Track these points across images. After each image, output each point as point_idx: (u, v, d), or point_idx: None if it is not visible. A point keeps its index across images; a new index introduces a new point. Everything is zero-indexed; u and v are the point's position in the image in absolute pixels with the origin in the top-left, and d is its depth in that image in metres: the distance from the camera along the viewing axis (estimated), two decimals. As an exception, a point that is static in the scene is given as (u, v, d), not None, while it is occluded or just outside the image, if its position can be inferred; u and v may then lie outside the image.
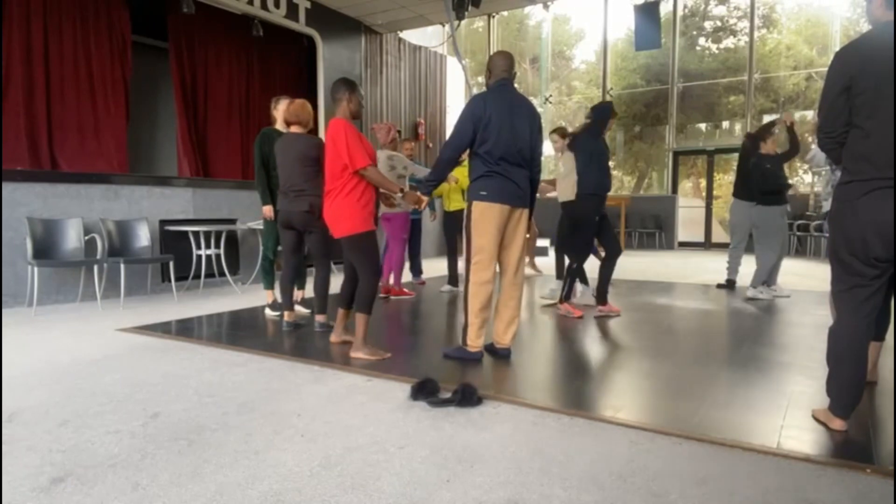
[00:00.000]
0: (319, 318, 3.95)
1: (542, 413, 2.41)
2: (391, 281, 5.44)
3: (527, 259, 6.88)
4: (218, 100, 8.58)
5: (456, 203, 5.73)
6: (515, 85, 3.24)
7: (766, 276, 5.37)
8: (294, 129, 3.95)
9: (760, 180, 5.24)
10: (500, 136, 3.03)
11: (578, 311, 4.44)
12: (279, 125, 4.44)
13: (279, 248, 4.33)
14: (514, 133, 3.06)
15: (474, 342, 3.17)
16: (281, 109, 4.39)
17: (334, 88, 3.35)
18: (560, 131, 5.32)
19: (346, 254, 3.44)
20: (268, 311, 4.57)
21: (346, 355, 3.29)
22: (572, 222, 4.73)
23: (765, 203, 5.28)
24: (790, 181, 5.56)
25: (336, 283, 3.62)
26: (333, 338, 3.59)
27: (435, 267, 6.27)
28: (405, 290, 5.54)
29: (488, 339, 3.31)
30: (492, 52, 4.02)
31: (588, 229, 4.55)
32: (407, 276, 5.79)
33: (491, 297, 3.16)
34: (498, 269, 3.23)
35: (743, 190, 5.61)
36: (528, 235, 7.15)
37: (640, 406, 2.55)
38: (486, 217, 3.07)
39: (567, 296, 4.57)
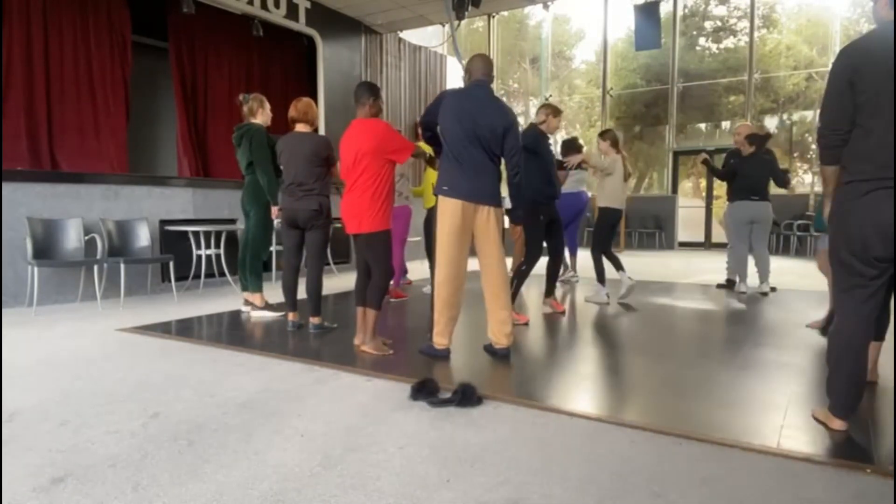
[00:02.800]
0: (314, 320, 3.92)
1: (542, 413, 2.41)
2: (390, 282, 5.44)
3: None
4: (218, 100, 8.58)
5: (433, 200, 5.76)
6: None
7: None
8: (301, 127, 3.96)
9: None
10: (464, 134, 3.06)
11: (524, 318, 4.28)
12: (259, 120, 4.48)
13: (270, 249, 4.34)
14: (479, 132, 3.08)
15: (439, 340, 3.20)
16: (268, 108, 4.51)
17: (360, 91, 3.47)
18: (606, 135, 5.36)
19: (362, 251, 3.47)
20: (264, 314, 4.54)
21: (345, 355, 3.29)
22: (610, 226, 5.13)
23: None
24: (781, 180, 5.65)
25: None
26: (357, 341, 3.45)
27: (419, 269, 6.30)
28: (401, 292, 5.55)
29: (485, 341, 3.31)
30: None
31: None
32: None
33: (456, 295, 3.16)
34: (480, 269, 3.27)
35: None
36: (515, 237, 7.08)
37: (640, 406, 2.55)
38: (447, 212, 3.10)
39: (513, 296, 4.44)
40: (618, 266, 5.11)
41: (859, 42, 2.06)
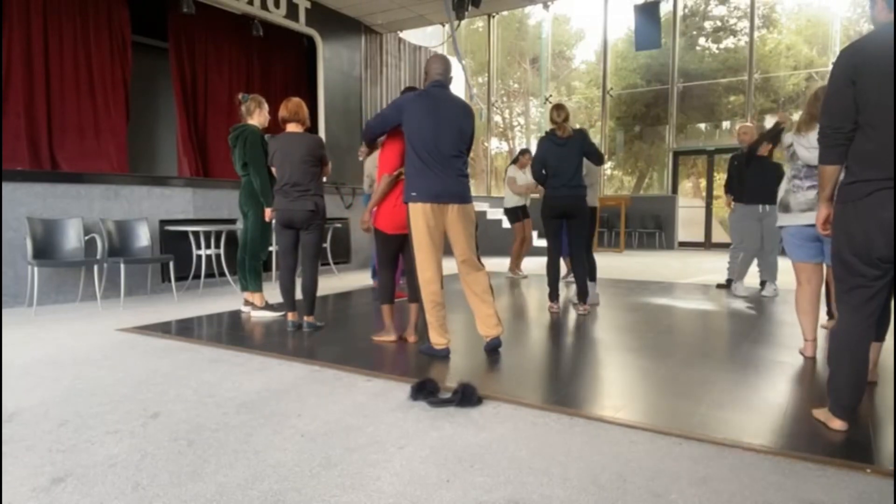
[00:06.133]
0: (309, 318, 3.96)
1: (542, 413, 2.41)
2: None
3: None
4: (218, 100, 8.59)
5: None
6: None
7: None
8: (293, 126, 3.96)
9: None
10: (427, 137, 3.10)
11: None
12: (255, 121, 4.50)
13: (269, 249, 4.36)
14: (441, 133, 3.13)
15: (437, 340, 3.23)
16: (265, 109, 4.56)
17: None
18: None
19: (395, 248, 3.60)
20: (265, 314, 4.54)
21: (345, 355, 3.30)
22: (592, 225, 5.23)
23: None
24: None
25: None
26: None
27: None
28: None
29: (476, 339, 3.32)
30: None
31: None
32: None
33: (441, 292, 3.21)
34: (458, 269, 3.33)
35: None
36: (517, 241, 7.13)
37: (640, 406, 2.55)
38: (418, 217, 3.14)
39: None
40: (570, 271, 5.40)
41: (860, 42, 2.06)
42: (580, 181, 4.48)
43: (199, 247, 5.82)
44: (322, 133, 9.24)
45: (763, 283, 5.91)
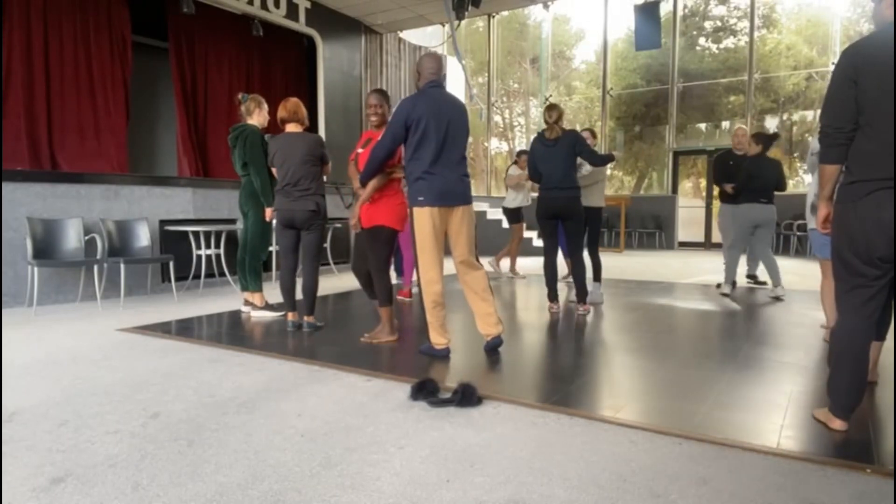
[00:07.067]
0: (309, 318, 3.96)
1: (542, 413, 2.41)
2: (401, 282, 5.44)
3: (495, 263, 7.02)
4: (218, 100, 8.59)
5: None
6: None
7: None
8: (292, 126, 3.96)
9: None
10: (433, 139, 3.09)
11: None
12: (254, 121, 4.50)
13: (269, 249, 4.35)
14: (446, 134, 3.12)
15: (437, 340, 3.23)
16: (265, 109, 4.56)
17: (384, 95, 3.68)
18: (589, 131, 5.38)
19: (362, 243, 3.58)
20: (265, 314, 4.54)
21: (345, 355, 3.30)
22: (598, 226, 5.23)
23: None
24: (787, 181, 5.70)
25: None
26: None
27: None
28: (408, 292, 5.54)
29: (484, 340, 3.32)
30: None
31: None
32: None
33: (441, 294, 3.21)
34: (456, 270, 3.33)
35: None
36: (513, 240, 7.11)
37: (640, 406, 2.55)
38: (424, 221, 3.13)
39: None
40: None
41: (861, 43, 2.06)
42: (572, 182, 4.42)
43: (199, 247, 5.82)
44: (322, 133, 9.24)
45: (762, 282, 5.93)
